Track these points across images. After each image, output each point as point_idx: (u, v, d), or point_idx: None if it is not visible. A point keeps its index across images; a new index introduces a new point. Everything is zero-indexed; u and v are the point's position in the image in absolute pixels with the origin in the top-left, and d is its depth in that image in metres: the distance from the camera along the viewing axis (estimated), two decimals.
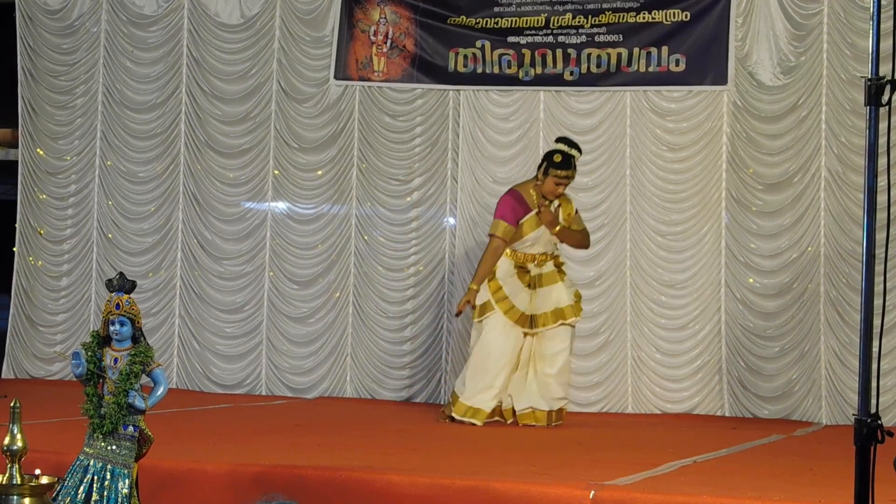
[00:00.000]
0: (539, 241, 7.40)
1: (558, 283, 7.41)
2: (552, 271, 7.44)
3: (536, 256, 7.41)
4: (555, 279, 7.41)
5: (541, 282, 7.38)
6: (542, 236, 7.39)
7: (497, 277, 7.33)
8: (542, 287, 7.38)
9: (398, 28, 8.95)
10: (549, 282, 7.39)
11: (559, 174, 7.29)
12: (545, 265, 7.43)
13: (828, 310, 8.13)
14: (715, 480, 5.12)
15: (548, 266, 7.44)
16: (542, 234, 7.39)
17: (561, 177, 7.30)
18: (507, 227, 7.35)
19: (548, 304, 7.36)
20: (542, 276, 7.40)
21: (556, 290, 7.38)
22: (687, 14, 8.40)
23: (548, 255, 7.46)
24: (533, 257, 7.40)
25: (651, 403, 8.40)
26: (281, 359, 9.07)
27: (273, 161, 9.19)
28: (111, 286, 4.25)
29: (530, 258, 7.40)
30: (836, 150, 8.14)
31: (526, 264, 7.39)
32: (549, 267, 7.45)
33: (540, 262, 7.42)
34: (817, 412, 8.11)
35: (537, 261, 7.41)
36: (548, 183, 7.33)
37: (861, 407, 3.30)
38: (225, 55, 9.28)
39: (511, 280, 7.35)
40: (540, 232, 7.37)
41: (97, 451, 4.19)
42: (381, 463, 5.48)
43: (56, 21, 9.63)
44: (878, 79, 3.36)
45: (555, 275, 7.43)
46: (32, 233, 9.65)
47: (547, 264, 7.44)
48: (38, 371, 9.57)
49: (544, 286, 7.38)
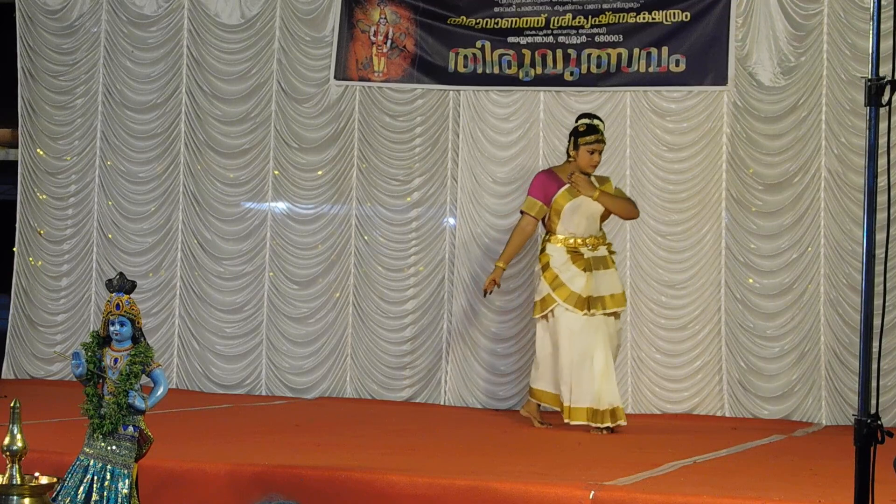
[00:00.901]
0: (581, 217, 7.21)
1: (612, 268, 7.28)
2: (606, 256, 7.29)
3: (587, 240, 7.22)
4: (609, 264, 7.27)
5: (597, 265, 7.20)
6: (582, 210, 7.21)
7: (552, 267, 7.17)
8: (599, 270, 7.19)
9: (398, 28, 8.95)
10: (605, 266, 7.23)
11: (588, 140, 7.22)
12: (598, 249, 7.26)
13: (828, 310, 8.13)
14: (715, 480, 5.12)
15: (601, 250, 7.27)
16: (583, 208, 7.21)
17: (591, 142, 7.22)
18: (536, 203, 7.25)
19: (604, 288, 7.18)
20: (598, 259, 7.21)
21: (610, 276, 7.24)
22: (687, 14, 8.40)
23: (598, 239, 7.28)
24: (584, 241, 7.21)
25: (651, 403, 8.40)
26: (281, 359, 9.08)
27: (273, 161, 9.20)
28: (111, 286, 4.25)
29: (581, 242, 7.21)
30: (837, 151, 8.14)
31: (578, 248, 7.21)
32: (603, 251, 7.28)
33: (592, 245, 7.23)
34: (817, 412, 8.11)
35: (589, 244, 7.22)
36: (581, 155, 7.23)
37: (861, 407, 3.30)
38: (225, 55, 9.29)
39: (566, 266, 7.17)
40: (578, 203, 7.20)
41: (97, 452, 4.19)
42: (381, 463, 5.49)
43: (56, 21, 9.64)
44: (879, 79, 3.36)
45: (608, 260, 7.29)
46: (32, 233, 9.65)
47: (600, 248, 7.27)
48: (38, 371, 9.57)
49: (600, 269, 7.20)
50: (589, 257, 7.19)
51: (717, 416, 8.26)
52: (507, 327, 8.62)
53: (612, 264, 7.30)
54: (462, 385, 8.63)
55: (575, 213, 7.22)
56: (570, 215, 7.22)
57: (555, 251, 7.22)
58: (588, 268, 7.16)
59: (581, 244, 7.22)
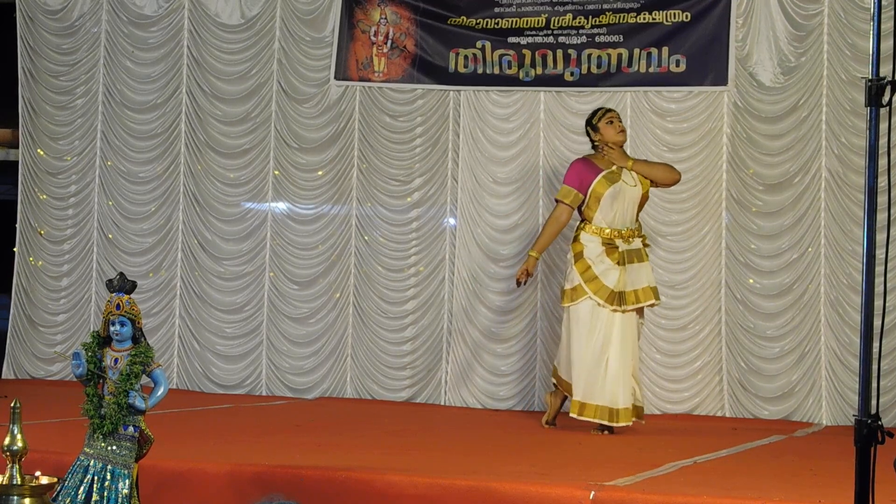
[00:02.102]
0: (620, 204, 7.11)
1: (646, 261, 7.17)
2: (640, 249, 7.14)
3: (622, 232, 7.11)
4: (643, 257, 7.15)
5: (630, 258, 7.09)
6: (622, 198, 7.11)
7: (585, 257, 7.07)
8: (632, 264, 7.08)
9: (398, 28, 8.95)
10: (639, 259, 7.12)
11: (601, 115, 7.22)
12: (633, 241, 7.14)
13: (828, 310, 8.13)
14: (715, 481, 5.12)
15: (636, 243, 7.15)
16: (623, 195, 7.11)
17: (604, 115, 7.21)
18: (571, 191, 7.17)
19: (638, 282, 7.09)
20: (632, 252, 7.10)
21: (646, 269, 7.14)
22: (687, 15, 8.40)
23: (634, 231, 7.15)
24: (619, 232, 7.11)
25: (651, 404, 8.39)
26: (281, 359, 9.08)
27: (273, 161, 9.20)
28: (111, 286, 4.25)
29: (616, 233, 7.10)
30: (837, 151, 8.14)
31: (614, 240, 7.09)
32: (638, 244, 7.14)
33: (627, 237, 7.12)
34: (818, 413, 8.11)
35: (624, 236, 7.11)
36: (606, 132, 7.18)
37: (861, 407, 3.30)
38: (225, 55, 9.29)
39: (601, 259, 7.06)
40: (618, 189, 7.10)
41: (97, 452, 4.19)
42: (381, 463, 5.49)
43: (56, 21, 9.64)
44: (879, 79, 3.36)
45: (643, 253, 7.16)
46: (33, 233, 9.65)
47: (635, 241, 7.14)
48: (38, 371, 9.57)
49: (634, 263, 7.09)
50: (623, 250, 7.08)
51: (717, 417, 8.26)
52: (507, 327, 8.62)
53: (646, 257, 7.18)
54: (462, 385, 8.63)
55: (615, 201, 7.11)
56: (611, 203, 7.11)
57: (589, 241, 7.11)
58: (622, 261, 7.05)
59: (617, 235, 7.10)
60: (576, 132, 8.57)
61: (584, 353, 7.02)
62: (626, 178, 7.17)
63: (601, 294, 7.00)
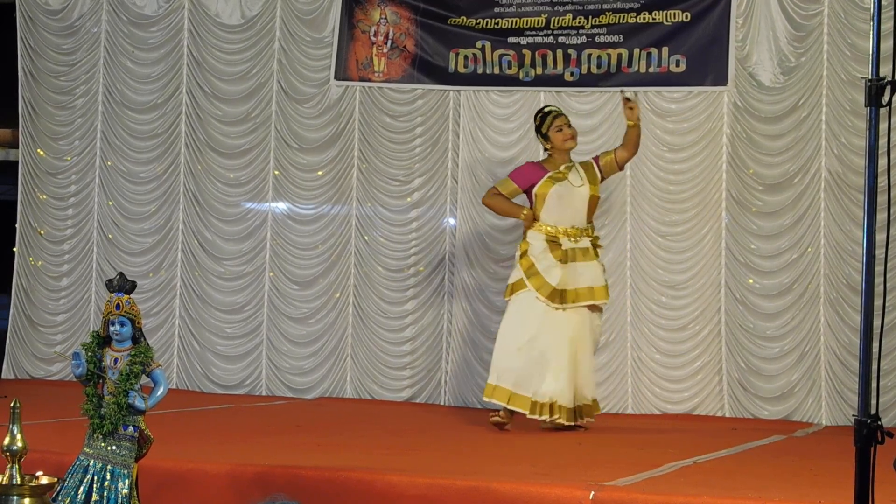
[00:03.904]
0: (567, 205, 7.13)
1: (594, 261, 7.14)
2: (588, 248, 7.13)
3: (569, 230, 7.13)
4: (590, 257, 7.14)
5: (574, 257, 7.08)
6: (568, 198, 7.12)
7: (529, 255, 7.10)
8: (576, 262, 7.08)
9: (398, 28, 8.96)
10: (584, 258, 7.11)
11: (556, 123, 7.20)
12: (580, 241, 7.14)
13: (828, 310, 8.13)
14: (715, 481, 5.12)
15: (583, 242, 7.14)
16: (569, 196, 7.12)
17: (551, 121, 7.20)
18: (511, 185, 7.23)
19: (581, 281, 7.08)
20: (577, 251, 7.10)
21: (591, 269, 7.11)
22: (687, 15, 8.40)
23: (581, 230, 7.15)
24: (564, 230, 7.12)
25: (651, 404, 8.40)
26: (281, 359, 9.08)
27: (273, 161, 9.20)
28: (111, 286, 4.25)
29: (562, 231, 7.12)
30: (837, 151, 8.14)
31: (558, 238, 7.10)
32: (585, 243, 7.14)
33: (573, 236, 7.12)
34: (817, 413, 8.11)
35: (570, 235, 7.13)
36: (554, 138, 7.20)
37: (861, 407, 3.30)
38: (225, 55, 9.29)
39: (544, 255, 7.08)
40: (564, 189, 7.12)
41: (97, 452, 4.19)
42: (381, 463, 5.49)
43: (56, 21, 9.64)
44: (879, 80, 3.36)
45: (590, 252, 7.15)
46: (33, 233, 9.66)
47: (582, 240, 7.15)
48: (38, 371, 9.57)
49: (578, 261, 7.08)
50: (567, 248, 7.09)
51: (717, 417, 8.26)
52: None
53: (594, 257, 7.16)
54: (462, 385, 8.62)
55: (561, 200, 7.14)
56: (556, 202, 7.14)
57: (534, 239, 7.15)
58: (564, 259, 7.06)
59: (562, 233, 7.12)
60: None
61: (507, 340, 7.07)
62: (572, 178, 7.18)
63: (543, 291, 7.02)
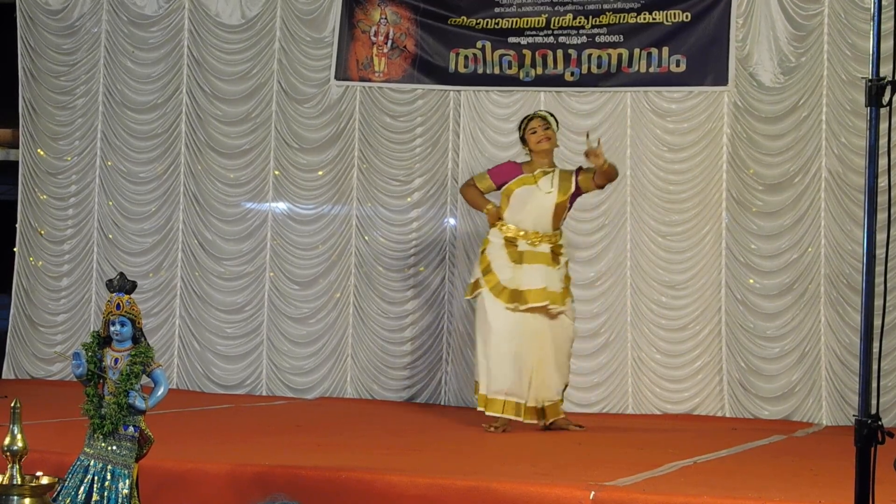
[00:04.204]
0: (530, 209, 7.05)
1: (550, 266, 7.04)
2: (546, 254, 7.04)
3: (528, 233, 7.07)
4: (546, 261, 7.02)
5: (529, 259, 7.01)
6: (532, 203, 7.05)
7: (486, 252, 7.10)
8: (529, 264, 7.00)
9: (399, 28, 8.96)
10: (539, 261, 7.00)
11: (530, 126, 7.14)
12: (539, 245, 7.07)
13: (828, 310, 8.13)
14: (715, 481, 5.12)
15: (542, 247, 7.06)
16: (533, 201, 7.06)
17: (533, 127, 7.14)
18: (486, 179, 7.21)
19: (534, 282, 6.99)
20: (533, 254, 7.03)
21: (546, 273, 7.01)
22: (687, 15, 8.40)
23: (541, 235, 7.06)
24: (525, 233, 7.07)
25: (651, 404, 8.40)
26: (281, 359, 9.08)
27: (274, 161, 9.20)
28: (111, 286, 4.25)
29: (522, 234, 7.06)
30: (837, 151, 8.14)
31: (516, 239, 7.06)
32: (544, 248, 7.05)
33: (532, 240, 7.06)
34: (818, 413, 8.11)
35: (529, 238, 7.06)
36: (528, 141, 7.15)
37: (861, 408, 3.30)
38: (225, 55, 9.29)
39: (499, 254, 7.06)
40: (529, 192, 7.06)
41: (97, 452, 4.19)
42: (381, 463, 5.49)
43: (57, 21, 9.64)
44: (879, 80, 3.35)
45: (547, 257, 7.04)
46: (33, 233, 9.66)
47: (541, 245, 7.07)
48: (39, 371, 9.57)
49: (531, 263, 7.00)
50: (523, 250, 7.04)
51: (717, 417, 8.26)
52: None
53: (551, 263, 7.05)
54: (462, 385, 8.62)
55: (525, 203, 7.08)
56: (520, 204, 7.08)
57: (494, 237, 7.13)
58: (518, 259, 7.02)
59: (521, 236, 7.07)
60: (576, 132, 8.57)
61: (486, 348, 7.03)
62: (542, 184, 7.10)
63: (496, 290, 6.99)
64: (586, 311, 8.53)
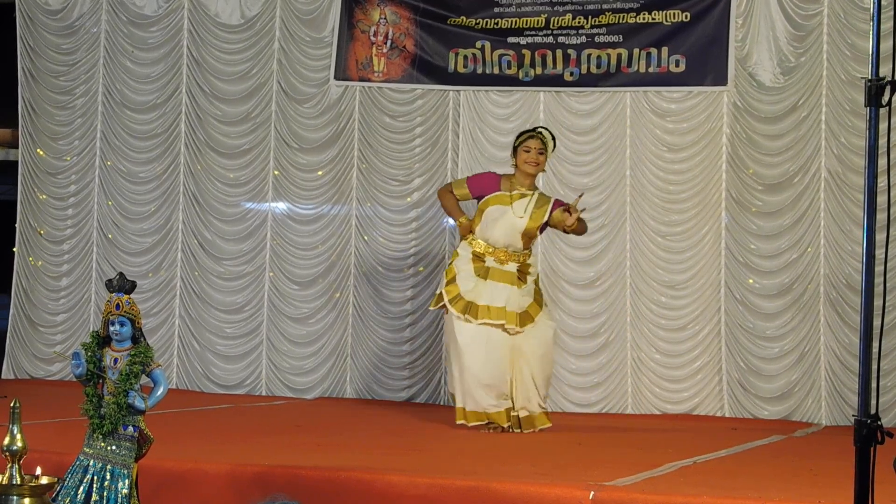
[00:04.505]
0: (501, 228, 6.96)
1: (514, 286, 6.92)
2: (512, 273, 6.94)
3: (497, 252, 6.97)
4: (511, 280, 6.92)
5: (492, 275, 6.93)
6: (503, 223, 6.96)
7: (453, 264, 7.05)
8: (493, 281, 6.92)
9: (398, 28, 8.96)
10: (503, 280, 6.90)
11: (525, 144, 6.99)
12: (506, 264, 6.96)
13: (828, 310, 8.14)
14: (715, 481, 5.12)
15: (509, 266, 6.96)
16: (505, 220, 6.95)
17: (523, 141, 7.01)
18: (464, 188, 7.12)
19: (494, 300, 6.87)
20: (499, 272, 6.94)
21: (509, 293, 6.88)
22: (687, 15, 8.40)
23: (510, 254, 6.97)
24: (494, 251, 6.97)
25: (651, 404, 8.40)
26: (281, 359, 9.08)
27: (273, 161, 9.20)
28: (111, 286, 4.25)
29: (490, 251, 6.97)
30: (836, 151, 8.14)
31: (484, 255, 6.98)
32: (510, 267, 6.96)
33: (500, 258, 6.98)
34: (817, 413, 8.11)
35: (497, 256, 6.97)
36: (519, 155, 7.02)
37: (861, 408, 3.30)
38: (225, 55, 9.29)
39: (465, 266, 7.00)
40: (502, 212, 6.96)
41: (97, 452, 4.19)
42: (381, 463, 5.48)
43: (56, 21, 9.64)
44: (879, 80, 3.36)
45: (513, 276, 6.93)
46: (32, 233, 9.66)
47: (508, 264, 6.97)
48: (38, 371, 9.57)
49: (495, 281, 6.91)
50: (489, 266, 6.97)
51: (717, 417, 8.26)
52: None
53: (516, 283, 6.94)
54: None
55: (497, 223, 6.98)
56: (492, 223, 6.99)
57: (463, 250, 7.07)
58: (482, 274, 6.94)
59: (490, 253, 6.98)
60: (576, 132, 8.58)
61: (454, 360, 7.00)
62: (517, 207, 6.99)
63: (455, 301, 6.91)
64: (586, 311, 8.54)
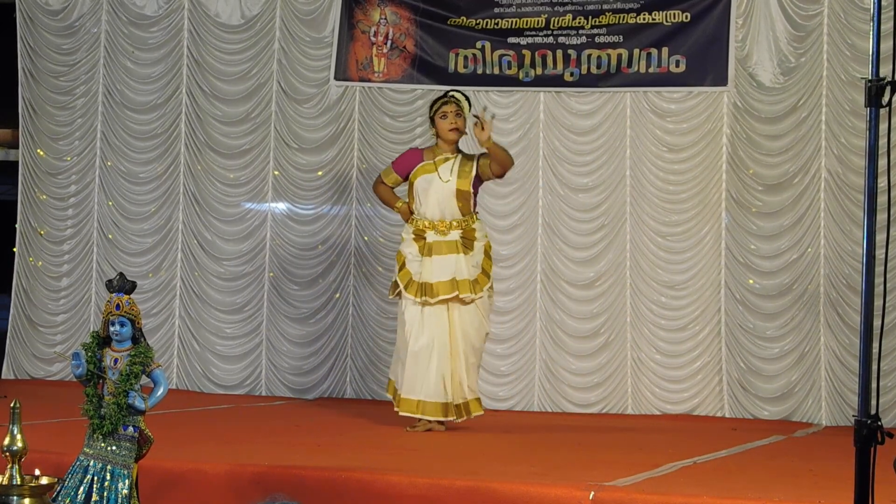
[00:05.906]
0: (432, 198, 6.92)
1: (459, 254, 6.85)
2: (455, 241, 6.87)
3: (436, 223, 6.93)
4: (454, 249, 6.85)
5: (439, 250, 6.86)
6: (433, 191, 6.92)
7: (401, 249, 7.03)
8: (437, 255, 6.84)
9: (398, 29, 8.95)
10: (446, 251, 6.85)
11: (441, 110, 6.95)
12: (448, 234, 6.89)
13: (828, 311, 8.13)
14: (715, 481, 5.12)
15: (451, 235, 6.89)
16: (434, 188, 6.92)
17: (439, 107, 6.97)
18: (391, 173, 7.13)
19: (442, 274, 6.82)
20: (441, 244, 6.89)
21: (455, 262, 6.83)
22: (687, 15, 8.40)
23: (448, 223, 6.92)
24: (432, 224, 6.93)
25: (651, 404, 8.40)
26: (281, 359, 9.08)
27: (273, 162, 9.20)
28: (111, 287, 4.26)
29: (429, 225, 6.92)
30: (836, 152, 8.14)
31: (424, 231, 6.93)
32: (453, 237, 6.88)
33: (439, 229, 6.95)
34: (817, 413, 8.11)
35: (437, 228, 6.92)
36: (438, 125, 6.98)
37: (861, 408, 3.30)
38: (225, 56, 9.29)
39: (409, 248, 6.97)
40: (429, 180, 6.93)
41: (97, 452, 4.19)
42: (381, 463, 5.49)
43: (56, 21, 9.64)
44: (879, 80, 3.36)
45: (457, 245, 6.87)
46: (33, 233, 9.66)
47: (450, 233, 6.89)
48: (38, 371, 9.57)
49: (439, 255, 6.87)
50: (431, 241, 6.91)
51: (717, 417, 8.26)
52: (507, 327, 8.63)
53: (461, 250, 6.90)
54: None
55: (427, 193, 6.95)
56: (423, 195, 6.96)
57: (406, 233, 7.06)
58: (427, 252, 6.90)
59: (430, 227, 6.93)
60: (576, 133, 8.58)
61: (398, 346, 7.01)
62: (442, 172, 6.96)
63: (409, 286, 6.89)
64: (586, 312, 8.54)
